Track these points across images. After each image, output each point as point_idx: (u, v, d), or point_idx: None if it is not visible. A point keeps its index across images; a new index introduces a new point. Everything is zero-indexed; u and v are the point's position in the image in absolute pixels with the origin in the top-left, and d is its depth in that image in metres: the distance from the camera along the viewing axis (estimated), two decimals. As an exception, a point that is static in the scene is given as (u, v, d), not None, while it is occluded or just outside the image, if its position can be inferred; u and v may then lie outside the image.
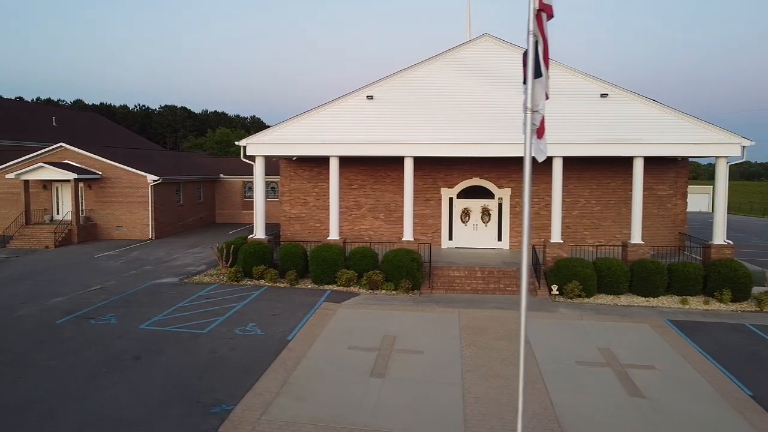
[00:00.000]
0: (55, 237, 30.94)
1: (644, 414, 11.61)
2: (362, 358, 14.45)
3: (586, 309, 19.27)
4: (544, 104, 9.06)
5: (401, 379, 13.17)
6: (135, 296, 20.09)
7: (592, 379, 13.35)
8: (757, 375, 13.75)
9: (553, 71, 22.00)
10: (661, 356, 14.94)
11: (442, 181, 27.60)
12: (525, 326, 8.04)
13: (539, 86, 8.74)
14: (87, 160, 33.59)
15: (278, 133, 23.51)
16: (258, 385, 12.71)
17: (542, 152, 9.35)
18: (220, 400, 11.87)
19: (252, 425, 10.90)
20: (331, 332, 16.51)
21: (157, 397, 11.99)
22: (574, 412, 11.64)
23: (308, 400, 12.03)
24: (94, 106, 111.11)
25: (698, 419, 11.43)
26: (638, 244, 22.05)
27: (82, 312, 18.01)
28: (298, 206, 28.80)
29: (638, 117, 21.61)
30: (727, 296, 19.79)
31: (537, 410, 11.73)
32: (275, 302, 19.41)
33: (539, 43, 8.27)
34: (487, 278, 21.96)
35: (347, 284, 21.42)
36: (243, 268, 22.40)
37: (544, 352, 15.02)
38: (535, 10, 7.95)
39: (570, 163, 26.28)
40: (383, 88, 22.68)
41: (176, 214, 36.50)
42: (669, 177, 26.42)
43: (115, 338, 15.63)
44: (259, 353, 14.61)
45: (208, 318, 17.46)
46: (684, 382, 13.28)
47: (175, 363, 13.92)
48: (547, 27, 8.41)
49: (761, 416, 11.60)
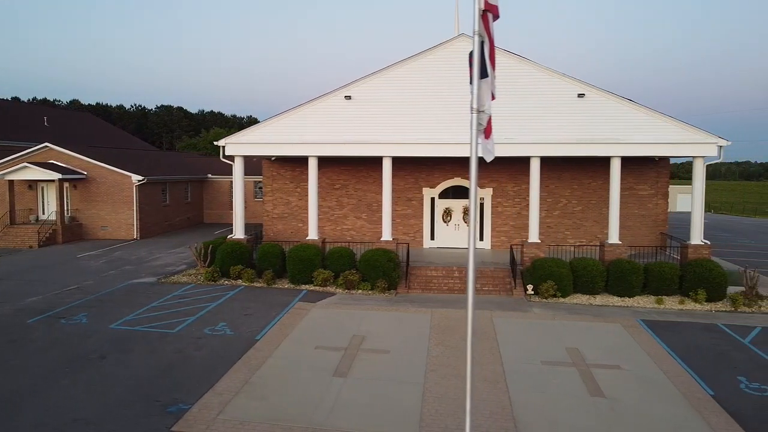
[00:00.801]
0: (39, 237, 30.94)
1: (602, 413, 11.62)
2: (328, 357, 14.45)
3: (561, 309, 19.28)
4: (490, 104, 9.06)
5: (364, 379, 13.17)
6: (110, 296, 20.09)
7: (554, 379, 13.34)
8: (722, 375, 13.76)
9: (530, 71, 22.24)
10: (628, 356, 14.94)
11: (423, 181, 27.61)
12: (471, 326, 8.03)
13: (485, 86, 8.75)
14: (72, 160, 33.59)
15: (257, 133, 23.52)
16: (219, 385, 12.71)
17: (490, 152, 9.37)
18: (179, 400, 11.88)
19: (207, 424, 10.90)
20: (301, 332, 16.51)
21: (116, 397, 12.00)
22: (533, 412, 11.65)
23: (267, 399, 12.04)
24: (90, 106, 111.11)
25: (655, 419, 11.44)
26: (615, 243, 22.07)
27: (55, 312, 18.01)
28: (280, 206, 28.81)
29: (615, 117, 21.62)
30: (702, 296, 19.79)
31: (495, 410, 11.74)
32: (249, 302, 19.41)
33: (485, 43, 8.28)
34: (464, 278, 21.95)
35: (323, 284, 21.42)
36: (220, 268, 22.41)
37: (510, 352, 15.03)
38: (481, 10, 7.96)
39: (551, 163, 26.33)
40: (361, 88, 22.68)
41: (162, 214, 36.49)
42: (650, 177, 26.43)
43: (83, 338, 15.63)
44: (225, 353, 14.61)
45: (179, 318, 17.46)
46: (647, 382, 13.29)
47: (139, 363, 13.92)
48: (493, 27, 8.43)
49: (719, 416, 11.61)
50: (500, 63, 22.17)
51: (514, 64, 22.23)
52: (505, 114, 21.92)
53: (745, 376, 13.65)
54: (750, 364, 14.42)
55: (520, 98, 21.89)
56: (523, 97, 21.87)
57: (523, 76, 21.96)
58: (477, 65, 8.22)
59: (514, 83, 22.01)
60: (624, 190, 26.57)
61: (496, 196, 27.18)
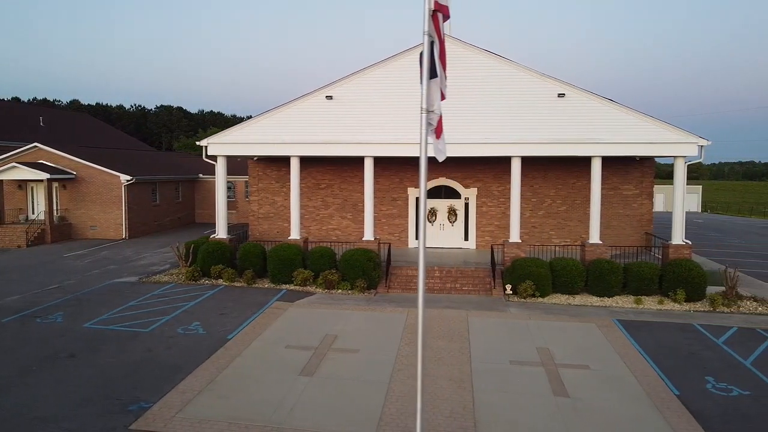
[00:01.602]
0: (27, 237, 31.03)
1: (564, 413, 11.60)
2: (297, 356, 14.47)
3: (538, 308, 19.26)
4: (440, 104, 9.06)
5: (330, 378, 13.18)
6: (90, 295, 20.14)
7: (521, 379, 13.34)
8: (690, 374, 13.73)
9: (510, 71, 22.22)
10: (598, 356, 14.92)
11: (408, 181, 27.62)
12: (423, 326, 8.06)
13: (435, 86, 8.74)
14: (61, 160, 33.69)
15: (238, 133, 23.56)
16: (183, 384, 12.74)
17: (441, 152, 9.37)
18: (140, 398, 11.90)
19: (165, 423, 10.93)
20: (274, 331, 16.53)
21: (79, 395, 12.03)
22: (494, 412, 11.64)
23: (230, 398, 12.05)
24: (89, 106, 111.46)
25: (616, 418, 11.42)
26: (596, 243, 22.04)
27: (31, 311, 18.07)
28: (266, 206, 28.84)
29: (596, 117, 21.59)
30: (681, 296, 19.75)
31: (456, 409, 11.73)
32: (227, 301, 19.44)
33: (435, 43, 8.28)
34: (444, 278, 21.97)
35: (303, 284, 21.44)
36: (201, 268, 22.45)
37: (480, 352, 15.02)
38: (431, 10, 7.95)
39: (536, 163, 26.32)
40: (342, 89, 22.70)
41: (151, 214, 36.57)
42: (634, 177, 26.40)
43: (56, 337, 15.67)
44: (194, 352, 14.64)
45: (154, 317, 17.50)
46: (614, 382, 13.27)
47: (108, 361, 13.96)
48: (443, 28, 8.43)
49: (680, 415, 11.59)
50: (480, 63, 22.33)
51: (493, 64, 22.24)
52: (484, 114, 22.00)
53: (713, 376, 13.62)
54: (720, 364, 14.40)
55: (499, 98, 21.91)
56: (503, 97, 21.88)
57: (502, 76, 21.97)
58: (426, 65, 8.21)
59: (493, 83, 22.05)
60: (609, 190, 26.58)
61: (481, 196, 27.17)
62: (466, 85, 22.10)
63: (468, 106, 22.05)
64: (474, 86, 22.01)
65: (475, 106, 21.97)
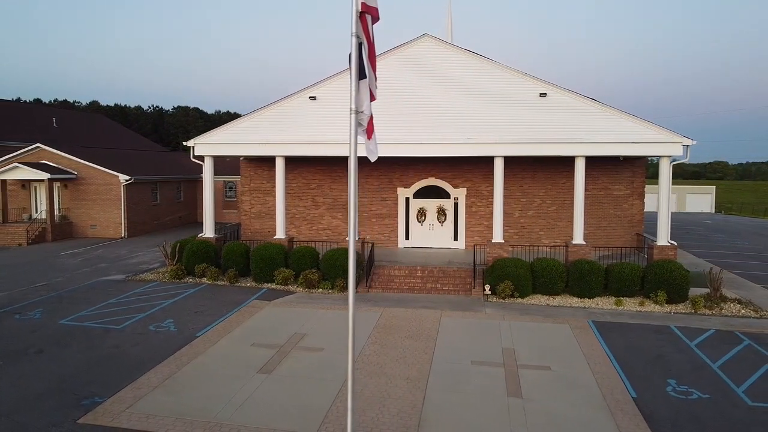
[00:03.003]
0: (28, 235, 31.71)
1: (512, 414, 11.54)
2: (260, 354, 14.59)
3: (514, 309, 19.14)
4: (370, 105, 9.13)
5: (286, 376, 13.28)
6: (73, 293, 20.53)
7: (478, 379, 13.28)
8: (653, 377, 13.55)
9: (491, 71, 22.13)
10: (563, 357, 14.79)
11: (398, 181, 27.63)
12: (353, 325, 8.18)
13: (364, 87, 8.82)
14: (63, 160, 34.36)
15: (224, 134, 23.84)
16: (141, 379, 12.94)
17: (373, 152, 9.47)
18: (96, 393, 12.11)
19: (112, 417, 11.12)
20: (244, 329, 16.69)
21: (37, 389, 12.29)
22: (442, 411, 11.62)
23: (182, 394, 12.21)
24: (108, 107, 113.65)
25: (564, 419, 11.33)
26: (580, 244, 21.84)
27: (13, 307, 18.48)
28: (257, 206, 29.08)
29: (578, 116, 21.40)
30: (662, 297, 19.48)
31: (405, 408, 11.74)
32: (206, 300, 19.67)
33: (363, 45, 8.33)
34: (426, 278, 21.95)
35: (285, 283, 21.60)
36: (186, 267, 22.75)
37: (444, 352, 15.00)
38: (358, 12, 8.01)
39: (525, 163, 26.18)
40: (325, 89, 22.82)
41: (151, 213, 37.11)
42: (625, 177, 26.08)
43: (29, 332, 16.02)
44: (161, 349, 14.84)
45: (130, 314, 17.78)
46: (572, 384, 13.15)
47: (74, 357, 14.22)
48: (372, 29, 8.48)
49: (631, 418, 11.46)
50: (462, 63, 22.30)
51: (474, 63, 22.17)
52: (466, 114, 21.95)
53: (676, 379, 13.43)
54: (686, 366, 14.19)
55: (481, 98, 21.85)
56: (485, 97, 21.81)
57: (484, 75, 21.89)
58: (355, 67, 8.28)
59: (475, 83, 21.99)
60: (599, 190, 26.34)
61: (470, 196, 27.07)
62: (448, 85, 22.11)
63: (450, 106, 22.06)
64: (455, 86, 21.99)
65: (457, 106, 21.95)
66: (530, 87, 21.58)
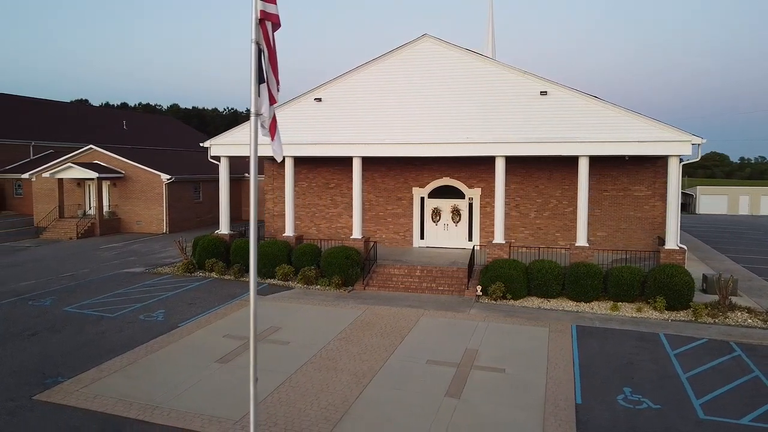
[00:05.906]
0: (78, 230, 34.29)
1: (440, 414, 11.51)
2: (226, 346, 15.26)
3: (501, 310, 18.84)
4: (269, 108, 9.47)
5: (240, 367, 13.82)
6: (90, 283, 22.14)
7: (425, 378, 13.28)
8: (610, 385, 13.05)
9: (491, 69, 21.87)
10: (524, 360, 14.49)
11: (413, 181, 27.71)
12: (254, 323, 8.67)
13: (263, 91, 9.20)
14: (112, 160, 36.88)
15: (238, 134, 24.81)
16: (107, 364, 13.90)
17: (277, 153, 9.85)
18: (61, 374, 13.17)
19: (64, 396, 12.08)
20: (226, 321, 17.46)
21: (12, 368, 13.49)
22: (371, 407, 11.77)
23: (138, 379, 13.04)
24: (186, 110, 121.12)
25: (493, 422, 11.18)
26: (582, 246, 21.13)
27: (31, 294, 20.22)
28: (280, 204, 29.99)
29: (581, 115, 20.69)
30: (661, 304, 18.54)
31: (335, 402, 11.99)
32: (204, 293, 20.67)
33: (263, 51, 8.73)
34: (423, 277, 21.97)
35: (285, 279, 22.30)
36: (197, 261, 23.93)
37: (405, 350, 15.08)
38: (257, 19, 8.42)
39: (540, 162, 25.60)
40: (330, 91, 23.31)
41: (192, 211, 39.05)
42: (646, 177, 24.89)
43: (34, 317, 17.52)
44: (141, 337, 15.83)
45: (128, 304, 19.01)
46: (519, 387, 12.91)
47: (61, 341, 15.46)
48: (273, 36, 8.86)
49: (561, 425, 11.14)
50: (462, 63, 22.18)
51: (476, 63, 21.95)
52: (468, 114, 21.80)
53: (632, 388, 12.88)
54: (651, 376, 13.55)
55: (482, 98, 21.60)
56: (486, 97, 21.55)
57: (485, 75, 21.64)
58: (254, 71, 8.68)
59: (476, 83, 21.78)
60: (618, 191, 25.32)
61: (485, 196, 26.72)
62: (448, 85, 22.03)
63: (450, 106, 21.96)
64: (456, 86, 21.87)
65: (458, 105, 21.82)
66: (530, 85, 21.10)
